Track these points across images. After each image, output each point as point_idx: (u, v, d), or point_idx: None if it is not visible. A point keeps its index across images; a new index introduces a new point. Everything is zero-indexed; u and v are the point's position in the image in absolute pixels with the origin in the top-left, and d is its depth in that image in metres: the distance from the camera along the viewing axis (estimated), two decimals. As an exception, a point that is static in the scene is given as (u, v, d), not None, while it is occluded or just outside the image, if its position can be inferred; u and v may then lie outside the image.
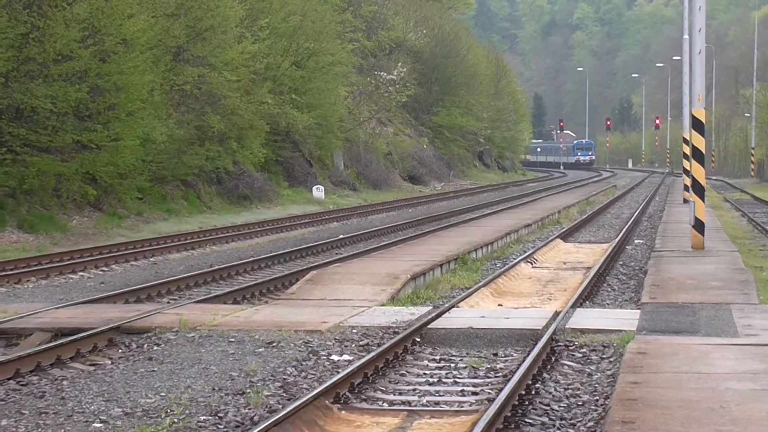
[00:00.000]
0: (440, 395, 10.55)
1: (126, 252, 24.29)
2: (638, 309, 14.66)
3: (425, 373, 11.51)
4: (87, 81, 29.80)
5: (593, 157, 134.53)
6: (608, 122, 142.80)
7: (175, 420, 9.29)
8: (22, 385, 10.88)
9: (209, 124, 38.69)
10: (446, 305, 15.21)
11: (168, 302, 16.79)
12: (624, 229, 30.08)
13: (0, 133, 28.21)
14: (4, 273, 20.12)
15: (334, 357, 11.96)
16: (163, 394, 10.26)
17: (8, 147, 28.18)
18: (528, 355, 11.57)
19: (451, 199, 55.29)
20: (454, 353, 12.56)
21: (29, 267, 21.22)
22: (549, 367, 11.59)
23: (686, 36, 43.93)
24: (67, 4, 29.39)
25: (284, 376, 10.99)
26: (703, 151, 22.49)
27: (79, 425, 9.25)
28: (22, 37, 28.27)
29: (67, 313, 14.57)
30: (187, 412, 9.58)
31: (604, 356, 12.06)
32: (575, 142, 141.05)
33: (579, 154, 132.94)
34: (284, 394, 10.28)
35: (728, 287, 16.48)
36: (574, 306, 15.09)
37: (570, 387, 10.75)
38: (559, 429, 9.24)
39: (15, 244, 25.88)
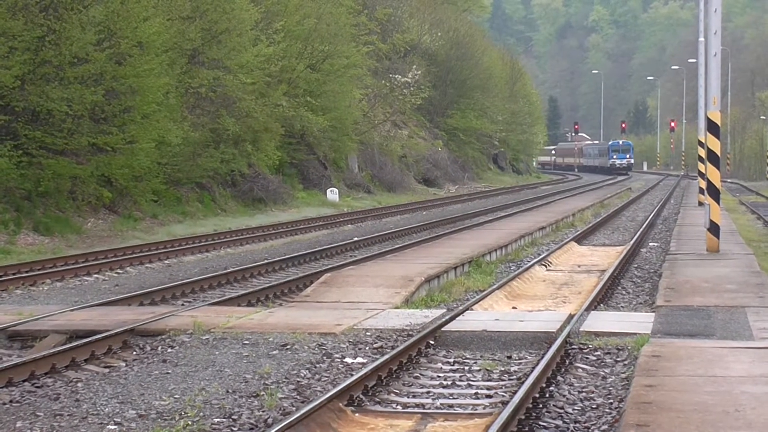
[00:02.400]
0: (454, 398, 10.54)
1: (141, 254, 24.35)
2: (653, 312, 14.62)
3: (439, 376, 11.51)
4: (102, 84, 29.89)
5: (632, 161, 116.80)
6: (623, 125, 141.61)
7: (189, 422, 9.31)
8: (37, 387, 10.92)
9: (224, 126, 38.76)
10: (460, 308, 15.21)
11: (182, 304, 16.82)
12: (639, 232, 30.01)
13: (16, 135, 28.31)
14: (19, 275, 20.20)
15: (348, 359, 11.96)
16: (177, 396, 10.28)
17: (24, 149, 28.28)
18: (542, 357, 11.55)
19: (465, 201, 55.26)
20: (468, 356, 12.55)
21: (44, 269, 21.29)
22: (563, 370, 11.57)
23: (702, 38, 43.79)
24: (83, 7, 29.49)
25: (298, 379, 11.00)
26: (719, 154, 22.42)
27: (93, 427, 9.27)
28: (39, 40, 28.38)
29: (81, 316, 14.62)
30: (201, 414, 9.59)
31: (618, 359, 12.03)
32: (610, 142, 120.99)
33: (615, 157, 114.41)
34: (298, 397, 10.29)
35: (743, 290, 16.43)
36: (588, 309, 15.07)
37: (584, 390, 10.74)
38: (573, 432, 9.23)
39: (30, 247, 25.97)
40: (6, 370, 11.13)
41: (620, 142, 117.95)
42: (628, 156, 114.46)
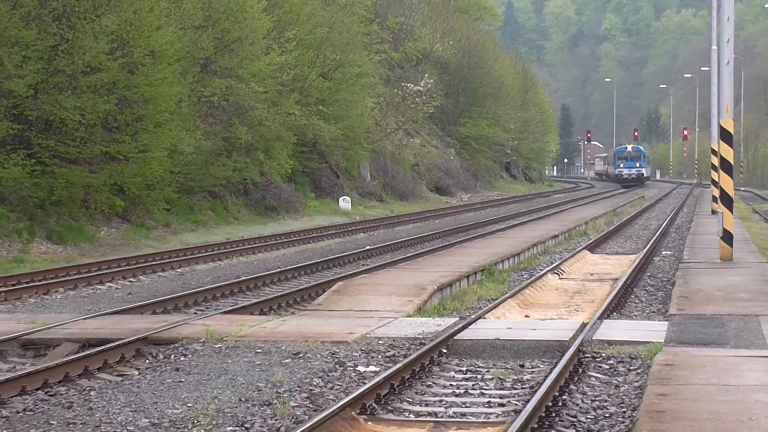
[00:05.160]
0: (467, 406, 10.52)
1: (153, 263, 24.38)
2: (666, 321, 14.58)
3: (452, 384, 11.49)
4: (115, 93, 29.98)
5: (642, 170, 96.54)
6: (636, 133, 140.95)
7: (202, 431, 9.31)
8: (50, 395, 10.94)
9: (236, 135, 38.83)
10: (473, 316, 15.19)
11: (195, 313, 16.84)
12: (652, 240, 29.94)
13: (29, 144, 28.41)
14: (32, 284, 20.25)
15: (361, 368, 11.96)
16: (190, 404, 10.28)
17: (37, 158, 28.37)
18: (555, 366, 11.52)
19: (477, 210, 55.22)
20: (480, 364, 12.53)
21: (57, 278, 21.33)
22: (576, 378, 11.54)
23: (714, 47, 43.75)
24: (96, 17, 29.58)
25: (311, 387, 11.00)
26: (732, 162, 22.37)
27: (106, 435, 9.28)
28: (52, 49, 28.48)
29: (94, 324, 14.64)
30: (214, 422, 9.60)
31: (631, 368, 12.00)
32: (617, 148, 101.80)
33: (622, 165, 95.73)
34: (311, 405, 10.29)
35: (757, 299, 16.37)
36: (601, 317, 15.03)
37: (597, 399, 10.71)
38: (586, 441, 9.21)
39: (44, 255, 26.03)
40: (19, 379, 11.16)
41: (628, 148, 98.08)
42: (638, 164, 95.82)
